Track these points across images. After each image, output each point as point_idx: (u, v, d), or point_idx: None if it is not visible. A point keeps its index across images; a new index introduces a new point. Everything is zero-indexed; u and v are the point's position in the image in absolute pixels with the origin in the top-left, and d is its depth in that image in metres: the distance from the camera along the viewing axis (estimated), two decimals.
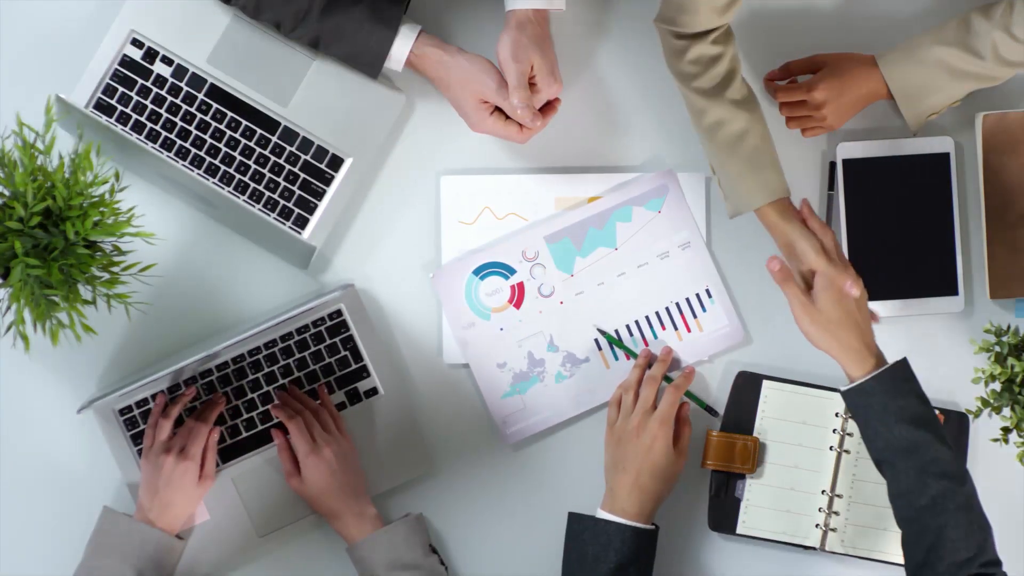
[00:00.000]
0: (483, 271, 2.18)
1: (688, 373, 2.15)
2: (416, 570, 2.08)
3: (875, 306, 2.16)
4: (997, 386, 1.93)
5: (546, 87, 2.08)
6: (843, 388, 2.00)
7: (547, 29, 2.08)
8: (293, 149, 2.15)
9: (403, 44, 2.09)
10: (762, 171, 2.04)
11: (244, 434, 2.15)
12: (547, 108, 2.11)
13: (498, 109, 2.09)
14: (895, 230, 2.17)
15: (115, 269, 1.85)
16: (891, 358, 2.11)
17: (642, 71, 2.19)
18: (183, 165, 2.14)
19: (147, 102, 2.14)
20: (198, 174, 2.14)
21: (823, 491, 2.15)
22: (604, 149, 2.20)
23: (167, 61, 2.14)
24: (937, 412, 2.15)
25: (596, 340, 2.18)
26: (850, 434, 2.15)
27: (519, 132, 2.09)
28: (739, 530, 2.16)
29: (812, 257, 2.02)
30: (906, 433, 1.95)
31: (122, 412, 2.13)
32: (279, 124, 2.15)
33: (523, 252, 2.18)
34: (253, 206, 2.15)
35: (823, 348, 2.01)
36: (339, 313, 2.16)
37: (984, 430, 2.16)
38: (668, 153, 2.19)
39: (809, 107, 2.13)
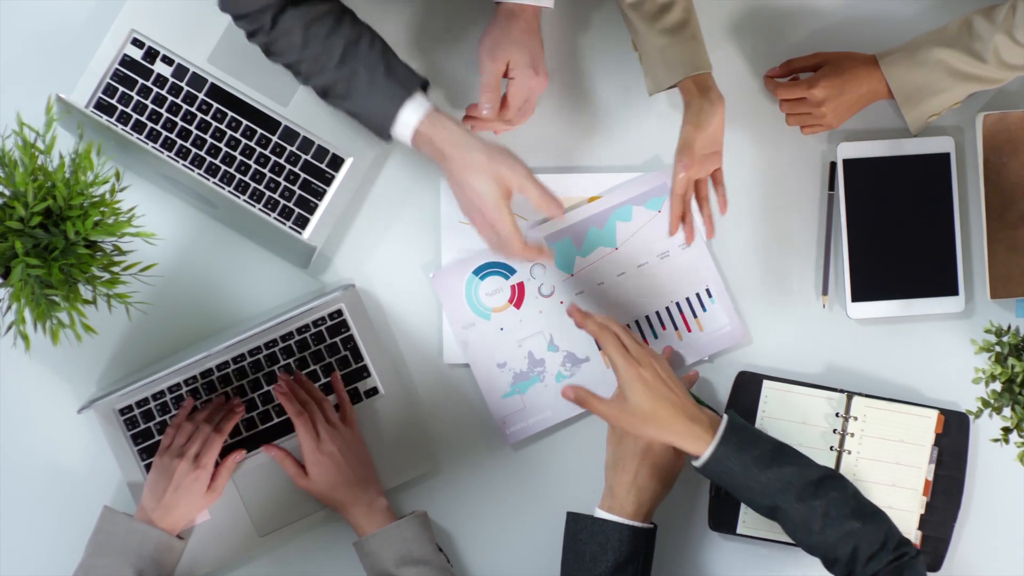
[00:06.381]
0: (483, 271, 2.18)
1: (690, 376, 2.15)
2: (426, 566, 2.08)
3: (876, 306, 2.17)
4: (997, 386, 1.93)
5: (525, 80, 2.07)
6: (696, 465, 2.00)
7: (535, 24, 2.07)
8: (293, 149, 2.15)
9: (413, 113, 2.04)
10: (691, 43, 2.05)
11: (245, 433, 2.15)
12: (522, 111, 2.11)
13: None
14: (895, 230, 2.17)
15: (115, 269, 1.85)
16: (889, 360, 2.12)
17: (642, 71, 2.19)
18: (183, 165, 2.14)
19: (147, 102, 2.14)
20: (198, 174, 2.14)
21: None
22: (604, 149, 2.20)
23: (167, 61, 2.14)
24: (937, 412, 2.15)
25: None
26: (850, 434, 2.15)
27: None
28: (739, 530, 2.15)
29: (611, 354, 2.01)
30: (774, 476, 1.98)
31: (122, 412, 2.13)
32: (279, 124, 2.15)
33: None
34: (253, 206, 2.15)
35: (657, 440, 2.02)
36: (339, 313, 2.15)
37: (984, 430, 2.16)
38: (667, 153, 2.19)
39: (809, 104, 2.13)
